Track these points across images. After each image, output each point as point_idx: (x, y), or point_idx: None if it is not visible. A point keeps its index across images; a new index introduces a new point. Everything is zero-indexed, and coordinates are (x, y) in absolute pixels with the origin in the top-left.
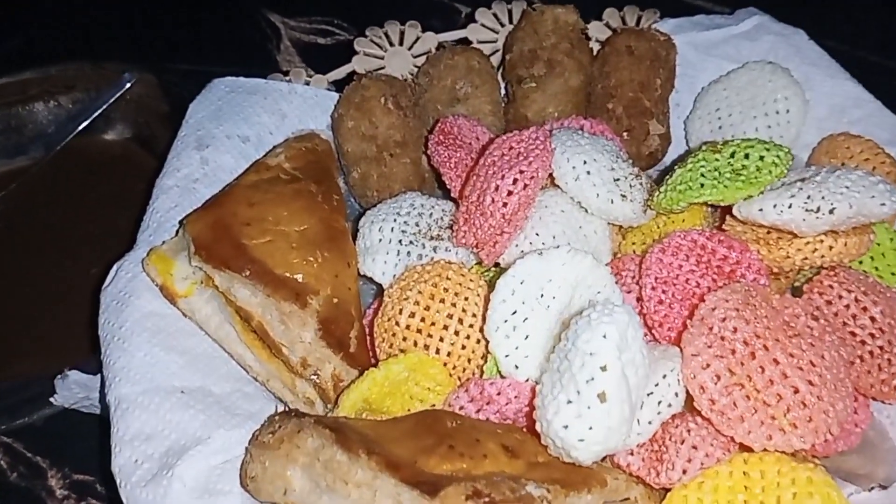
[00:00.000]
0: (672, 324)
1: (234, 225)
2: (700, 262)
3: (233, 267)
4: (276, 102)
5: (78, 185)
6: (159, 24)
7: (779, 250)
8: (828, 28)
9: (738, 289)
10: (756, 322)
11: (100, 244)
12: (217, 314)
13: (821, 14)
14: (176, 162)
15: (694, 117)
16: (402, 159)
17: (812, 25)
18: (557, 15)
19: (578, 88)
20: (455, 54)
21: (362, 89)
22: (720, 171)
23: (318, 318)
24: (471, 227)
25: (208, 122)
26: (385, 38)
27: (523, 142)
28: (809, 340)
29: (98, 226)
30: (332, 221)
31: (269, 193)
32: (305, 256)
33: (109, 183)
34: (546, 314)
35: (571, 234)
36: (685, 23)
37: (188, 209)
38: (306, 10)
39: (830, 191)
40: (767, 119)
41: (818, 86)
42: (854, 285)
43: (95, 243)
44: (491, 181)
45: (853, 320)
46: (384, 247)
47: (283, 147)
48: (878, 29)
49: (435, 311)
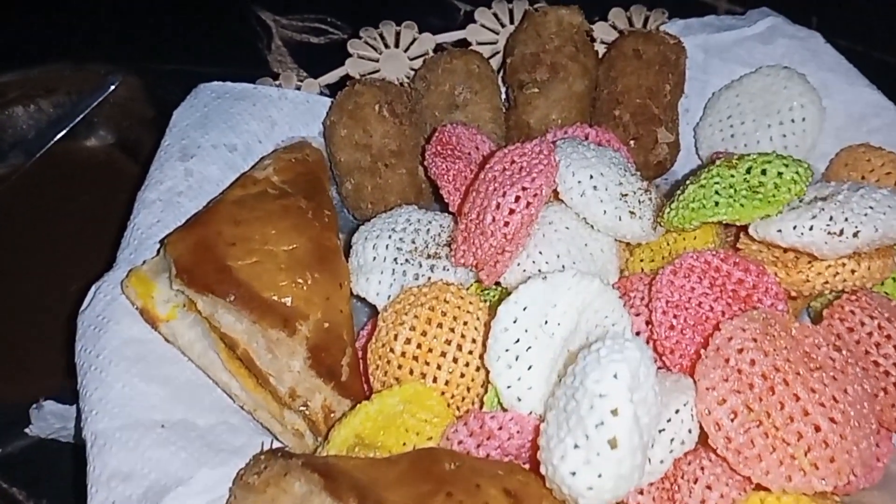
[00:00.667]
0: (684, 351)
1: (218, 245)
2: (714, 285)
3: (216, 291)
4: (265, 109)
5: (59, 194)
6: (144, 22)
7: (797, 274)
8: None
9: (755, 317)
10: (775, 354)
11: (81, 258)
12: (201, 340)
13: (834, 12)
14: (158, 174)
15: (704, 124)
16: (398, 170)
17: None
18: (561, 16)
19: (583, 94)
20: (453, 58)
21: (356, 96)
22: (736, 187)
23: (307, 346)
24: (470, 247)
25: (193, 131)
26: (380, 40)
27: (526, 156)
28: (832, 374)
29: (80, 238)
30: (324, 240)
31: (255, 210)
32: (294, 278)
33: (92, 192)
34: (550, 342)
35: (577, 252)
36: (695, 24)
37: (171, 225)
38: (299, 8)
39: (854, 212)
40: (782, 128)
41: (836, 93)
42: (877, 311)
43: (76, 257)
44: (492, 198)
45: (876, 349)
46: (378, 266)
47: (271, 159)
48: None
49: (432, 336)
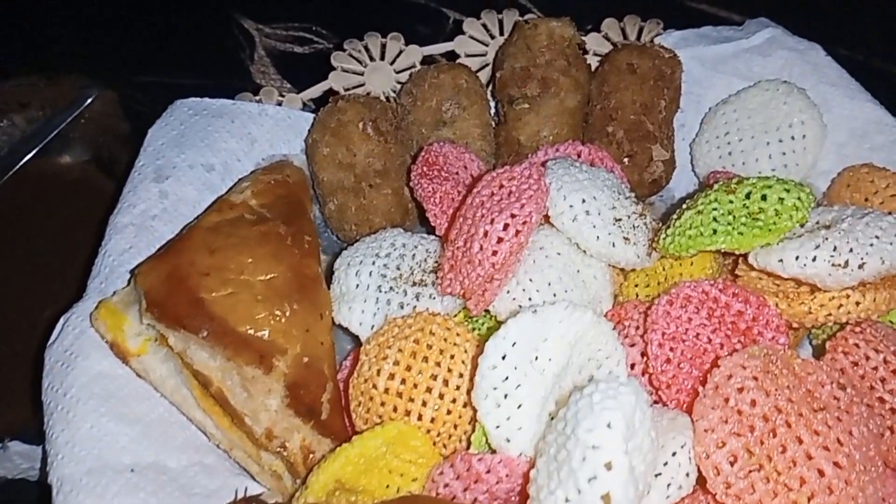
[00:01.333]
0: (682, 385)
1: (191, 276)
2: (712, 316)
3: (188, 326)
4: (244, 126)
5: (32, 213)
6: (122, 33)
7: (799, 305)
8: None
9: (756, 353)
10: (777, 393)
11: (55, 281)
12: (173, 376)
13: (834, 20)
14: (132, 196)
15: (701, 141)
16: (383, 190)
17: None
18: (552, 29)
19: (575, 109)
20: (440, 72)
21: (338, 113)
22: (734, 214)
23: (285, 383)
24: (457, 276)
25: (168, 150)
26: (365, 52)
27: (515, 179)
28: (836, 414)
29: (54, 260)
30: (303, 268)
31: (231, 238)
32: (272, 310)
33: (66, 211)
34: (541, 379)
35: (568, 279)
36: (691, 35)
37: (145, 251)
38: (282, 16)
39: (859, 242)
40: (782, 145)
41: (837, 108)
42: (883, 344)
43: (50, 280)
44: (479, 226)
45: (881, 384)
46: (362, 294)
47: (249, 181)
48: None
49: (417, 371)
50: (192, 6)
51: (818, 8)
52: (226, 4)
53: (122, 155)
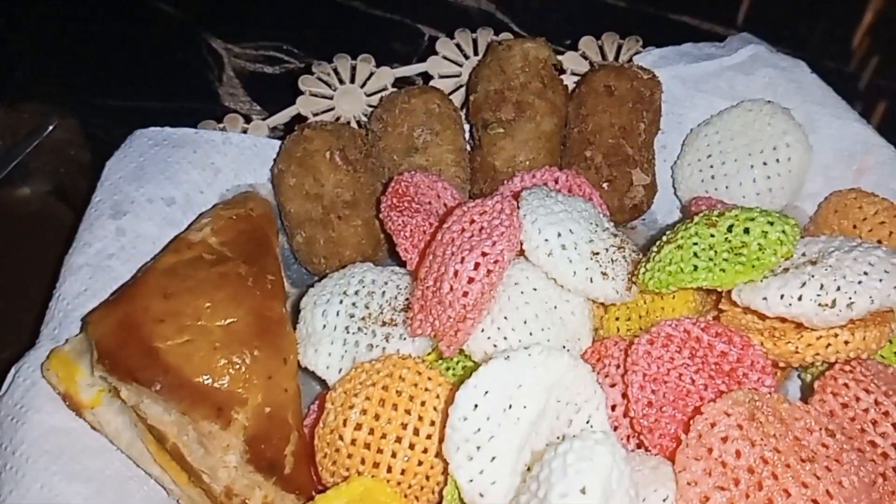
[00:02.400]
0: (664, 430)
1: (144, 324)
2: (695, 356)
3: (141, 379)
4: (207, 155)
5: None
6: (84, 55)
7: (786, 344)
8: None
9: (740, 398)
10: (763, 442)
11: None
12: (129, 428)
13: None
14: (87, 235)
15: (682, 164)
16: (353, 221)
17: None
18: (527, 50)
19: (552, 133)
20: (411, 97)
21: (304, 141)
22: (716, 249)
23: (244, 437)
24: (427, 316)
25: (127, 184)
26: (334, 75)
27: (486, 214)
28: (825, 464)
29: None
30: (265, 310)
31: (188, 280)
32: (231, 358)
33: (26, 244)
34: (516, 428)
35: (545, 317)
36: (671, 53)
37: (101, 293)
38: (252, 35)
39: (847, 279)
40: (766, 169)
41: (823, 127)
42: (873, 384)
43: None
44: (449, 265)
45: (873, 427)
46: (328, 335)
47: (209, 216)
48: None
49: (386, 420)
50: (158, 26)
51: (803, 19)
52: (194, 23)
53: (83, 185)
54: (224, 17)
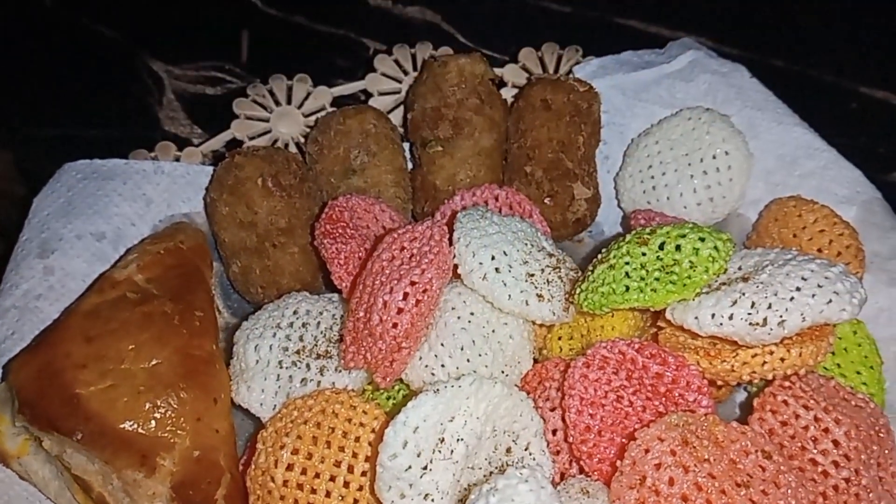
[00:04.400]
0: (603, 454)
1: (65, 370)
2: (631, 377)
3: (61, 429)
4: (138, 186)
5: None
6: (18, 83)
7: (721, 363)
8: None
9: (674, 422)
10: (696, 468)
11: None
12: (57, 477)
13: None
14: (14, 276)
15: (625, 175)
16: (289, 249)
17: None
18: (462, 66)
19: (492, 149)
20: (346, 117)
21: (236, 168)
22: (647, 268)
23: (171, 484)
24: (360, 349)
25: (55, 221)
26: (270, 97)
27: (416, 241)
28: (761, 487)
29: None
30: (192, 349)
31: (111, 322)
32: (155, 402)
33: None
34: (449, 464)
35: (483, 342)
36: (610, 63)
37: (29, 336)
38: (192, 55)
39: (779, 297)
40: (706, 178)
41: (764, 133)
42: (813, 400)
43: None
44: (378, 296)
45: (813, 444)
46: (262, 371)
47: (136, 253)
48: (832, 46)
49: (319, 458)
50: (96, 49)
51: (750, 18)
52: (133, 45)
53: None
54: (164, 37)
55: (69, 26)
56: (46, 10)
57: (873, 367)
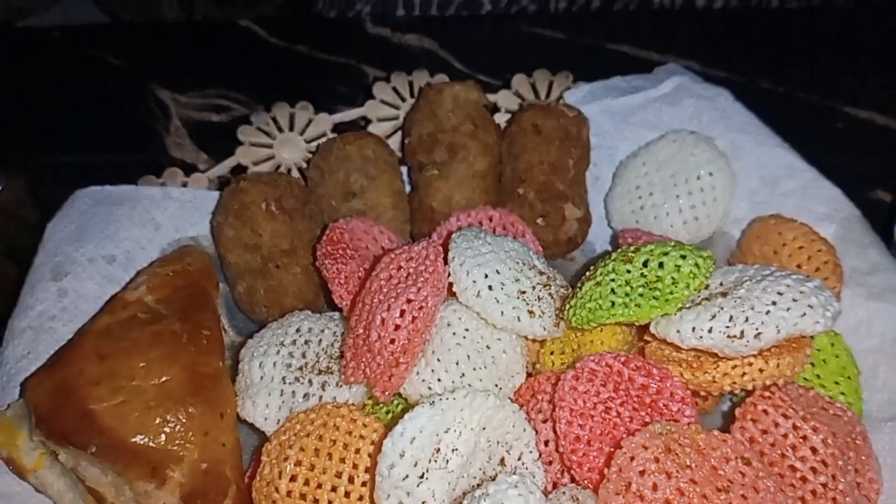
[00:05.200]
0: (593, 463)
1: (80, 387)
2: (618, 389)
3: (76, 442)
4: (147, 212)
5: None
6: (30, 112)
7: (703, 374)
8: (762, 66)
9: (658, 431)
10: (679, 474)
11: None
12: (72, 489)
13: (753, 53)
14: (29, 298)
15: (614, 195)
16: (292, 269)
17: (744, 65)
18: (456, 93)
19: (486, 172)
20: (346, 143)
21: (241, 193)
22: (632, 284)
23: (181, 494)
24: (359, 364)
25: (67, 245)
26: (273, 124)
27: (413, 260)
28: (741, 492)
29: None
30: (200, 366)
31: (123, 341)
32: (165, 416)
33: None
34: (445, 473)
35: (477, 357)
36: (599, 88)
37: (44, 356)
38: (198, 83)
39: (755, 310)
40: (691, 198)
41: (747, 154)
42: (792, 409)
43: None
44: (376, 313)
45: (792, 452)
46: (266, 386)
47: (146, 275)
48: (817, 68)
49: (321, 470)
50: (104, 78)
51: (737, 42)
52: (140, 74)
53: (32, 243)
54: (170, 66)
55: (78, 57)
56: (56, 42)
57: (850, 377)
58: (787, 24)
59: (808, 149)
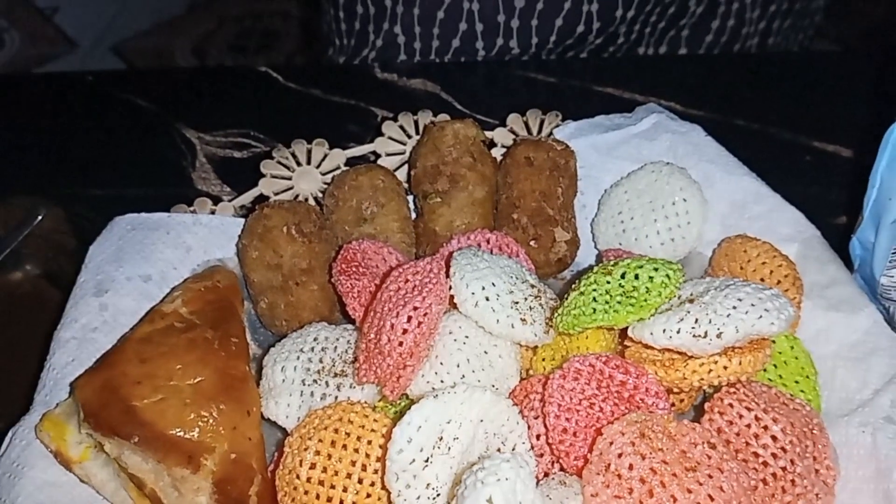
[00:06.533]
0: (578, 453)
1: (123, 386)
2: (601, 386)
3: (121, 434)
4: (179, 236)
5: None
6: (68, 149)
7: (675, 372)
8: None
9: (634, 419)
10: (652, 456)
11: (7, 392)
12: (113, 479)
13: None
14: (73, 312)
15: (599, 220)
16: (310, 286)
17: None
18: (457, 129)
19: (484, 199)
20: (358, 174)
21: (264, 219)
22: (611, 293)
23: (213, 480)
24: (371, 365)
25: (108, 265)
26: (292, 158)
27: (418, 274)
28: (707, 472)
29: (5, 370)
30: (230, 369)
31: (161, 346)
32: (199, 412)
33: (20, 322)
34: (447, 458)
35: (476, 361)
36: (585, 125)
37: (86, 362)
38: (221, 124)
39: (717, 313)
40: (668, 221)
41: (718, 183)
42: (754, 402)
43: (4, 391)
44: (386, 319)
45: (755, 440)
46: (287, 388)
47: (180, 290)
48: (787, 106)
49: (337, 459)
50: (135, 119)
51: (714, 84)
52: (168, 115)
53: (69, 268)
54: (196, 108)
55: (110, 99)
56: (88, 86)
57: (809, 376)
58: (761, 67)
59: (779, 180)
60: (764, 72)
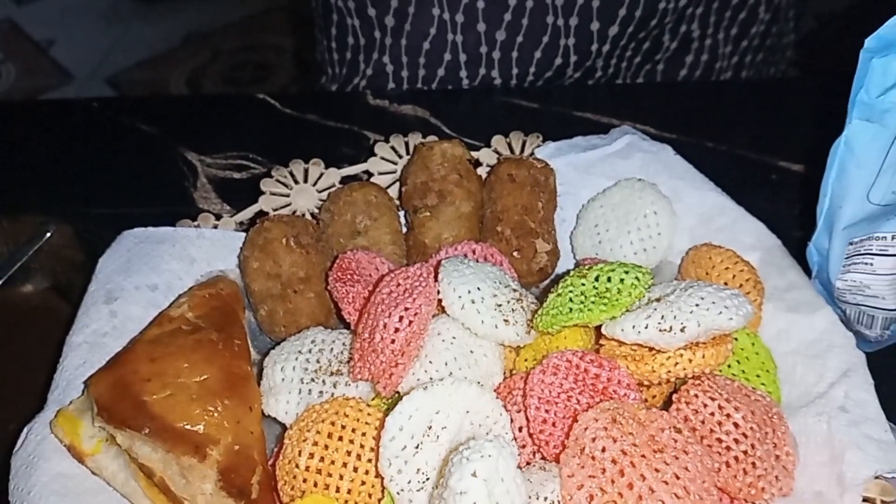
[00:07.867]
0: (557, 441)
1: (134, 382)
2: (577, 380)
3: (133, 426)
4: (184, 248)
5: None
6: (76, 170)
7: (645, 365)
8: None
9: (606, 407)
10: (623, 439)
11: (19, 398)
12: (123, 470)
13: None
14: (85, 318)
15: (577, 233)
16: (307, 294)
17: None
18: (445, 149)
19: (470, 214)
20: (353, 191)
21: (265, 231)
22: (586, 294)
23: (218, 469)
24: (365, 363)
25: (117, 275)
26: (290, 177)
27: (409, 278)
28: (673, 454)
29: (19, 378)
30: (234, 368)
31: (169, 347)
32: (205, 407)
33: (30, 334)
34: (436, 446)
35: (462, 360)
36: (564, 146)
37: (97, 365)
38: (221, 147)
39: (681, 310)
40: (640, 233)
41: (686, 197)
42: (718, 393)
43: (15, 397)
44: (379, 319)
45: (719, 427)
46: (286, 386)
47: (186, 296)
48: (755, 128)
49: (333, 449)
50: (139, 142)
51: (687, 109)
52: (170, 139)
53: (78, 281)
54: (196, 133)
55: (113, 125)
56: (93, 112)
57: (769, 371)
58: (732, 93)
59: (747, 197)
60: (734, 97)
